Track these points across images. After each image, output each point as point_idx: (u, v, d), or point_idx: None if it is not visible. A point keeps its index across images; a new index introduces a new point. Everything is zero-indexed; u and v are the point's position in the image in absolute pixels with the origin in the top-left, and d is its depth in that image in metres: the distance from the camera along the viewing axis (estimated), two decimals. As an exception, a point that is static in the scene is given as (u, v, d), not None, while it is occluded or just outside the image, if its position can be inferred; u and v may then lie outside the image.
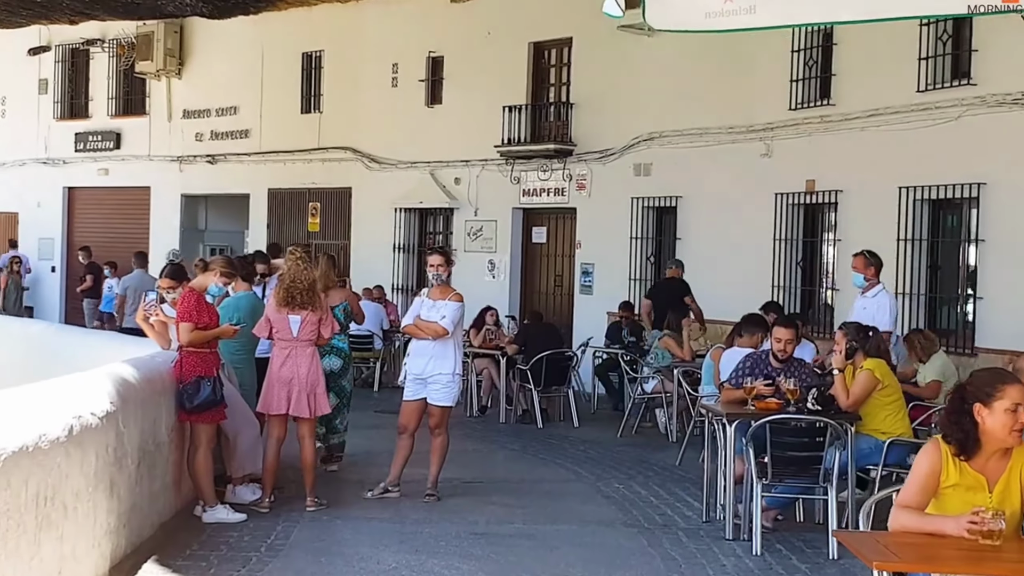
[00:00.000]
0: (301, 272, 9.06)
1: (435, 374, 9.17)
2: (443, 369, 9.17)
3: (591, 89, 18.13)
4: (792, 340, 8.89)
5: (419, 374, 9.24)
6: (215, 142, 24.17)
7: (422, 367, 9.23)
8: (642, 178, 17.43)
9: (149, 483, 7.68)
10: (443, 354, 9.17)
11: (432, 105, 20.46)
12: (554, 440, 12.94)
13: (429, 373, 9.19)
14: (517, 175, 19.12)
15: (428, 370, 9.20)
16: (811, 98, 15.25)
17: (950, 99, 13.38)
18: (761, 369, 8.82)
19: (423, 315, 9.24)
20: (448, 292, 9.26)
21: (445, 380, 9.18)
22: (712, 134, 16.35)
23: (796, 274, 15.57)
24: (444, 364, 9.17)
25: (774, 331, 8.99)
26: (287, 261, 9.27)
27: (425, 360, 9.22)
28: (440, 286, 9.28)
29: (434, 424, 9.32)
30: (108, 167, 26.20)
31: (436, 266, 9.27)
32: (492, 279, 19.56)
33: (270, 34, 22.79)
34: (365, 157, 21.46)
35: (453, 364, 9.19)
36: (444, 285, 9.29)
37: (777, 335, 8.89)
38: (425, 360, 9.22)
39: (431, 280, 9.37)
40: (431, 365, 9.19)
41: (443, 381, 9.18)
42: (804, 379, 8.76)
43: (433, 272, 9.30)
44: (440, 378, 9.17)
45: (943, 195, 13.61)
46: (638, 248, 17.61)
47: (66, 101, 27.16)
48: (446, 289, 9.29)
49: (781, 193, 15.51)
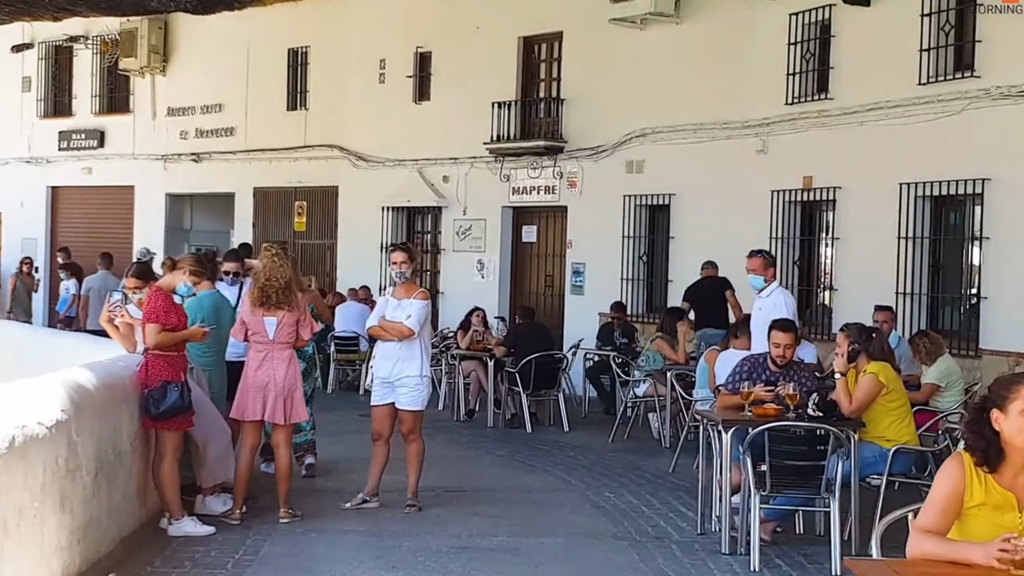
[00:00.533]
0: (277, 270, 8.61)
1: (402, 377, 8.80)
2: (410, 371, 8.78)
3: (582, 84, 17.71)
4: (791, 344, 8.50)
5: (386, 377, 8.87)
6: (200, 140, 23.75)
7: (389, 370, 8.85)
8: (634, 175, 17.02)
9: (108, 495, 7.21)
10: (410, 356, 8.79)
11: (420, 101, 20.05)
12: (543, 445, 12.50)
13: (396, 376, 8.82)
14: (507, 173, 18.70)
15: (395, 373, 8.82)
16: (808, 92, 14.84)
17: (953, 92, 12.97)
18: (759, 373, 8.42)
19: (388, 315, 8.87)
20: (413, 290, 8.88)
21: (413, 383, 8.80)
22: (706, 130, 15.93)
23: (793, 274, 15.16)
24: (411, 366, 8.78)
25: (772, 335, 8.55)
26: (262, 258, 8.81)
27: (391, 363, 8.84)
28: (404, 284, 8.90)
29: (406, 430, 8.90)
30: (92, 166, 25.79)
31: (399, 263, 8.88)
32: (481, 279, 19.14)
33: (256, 30, 22.37)
34: (352, 155, 21.03)
35: (420, 365, 8.81)
36: (409, 283, 8.92)
37: (775, 340, 8.47)
38: (391, 363, 8.84)
39: (394, 278, 8.98)
40: (398, 367, 8.81)
41: (411, 384, 8.80)
42: (804, 383, 8.34)
43: (396, 270, 8.91)
44: (407, 381, 8.79)
45: (945, 192, 13.20)
46: (630, 247, 17.19)
47: (49, 99, 26.75)
48: (411, 287, 8.91)
49: (777, 190, 15.11)
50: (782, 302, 9.48)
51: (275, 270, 8.58)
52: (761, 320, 9.28)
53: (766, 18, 15.22)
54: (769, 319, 8.98)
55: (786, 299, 9.63)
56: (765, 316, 9.22)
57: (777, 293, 9.68)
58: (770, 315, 9.12)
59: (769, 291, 9.70)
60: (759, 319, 9.45)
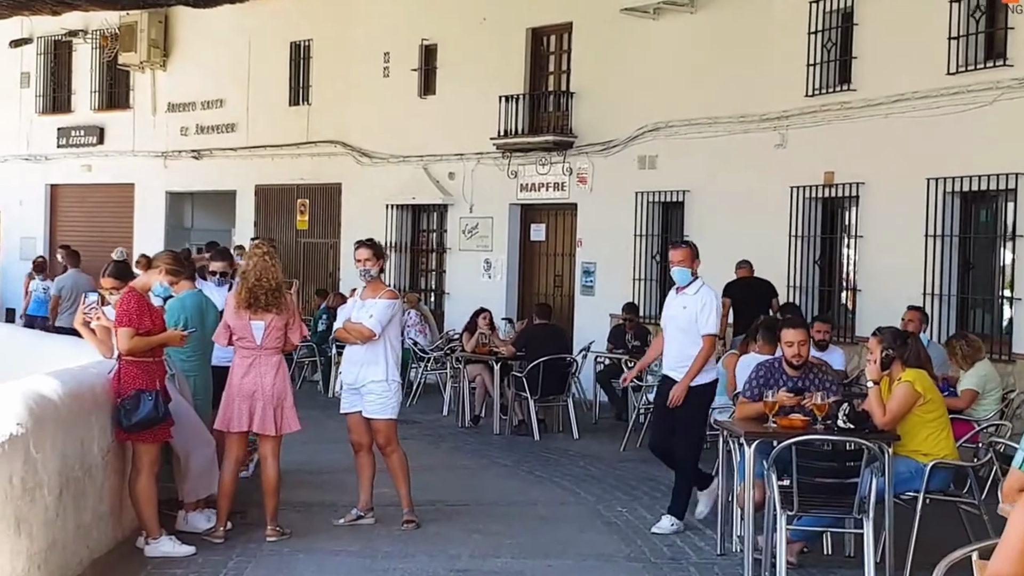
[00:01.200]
0: (268, 270, 8.01)
1: (367, 383, 8.24)
2: (375, 376, 8.21)
3: (592, 77, 17.08)
4: (805, 341, 7.91)
5: (352, 383, 8.33)
6: (201, 136, 23.18)
7: (355, 375, 8.31)
8: (647, 171, 16.37)
9: (76, 515, 6.62)
10: (373, 359, 8.23)
11: (425, 96, 19.45)
12: (551, 454, 11.88)
13: (362, 382, 8.26)
14: (514, 169, 18.08)
15: (360, 378, 8.27)
16: (829, 83, 14.20)
17: (983, 82, 12.32)
18: (776, 379, 7.82)
19: (353, 316, 8.34)
20: (379, 289, 8.34)
21: (379, 389, 8.23)
22: (722, 124, 15.30)
23: (814, 273, 14.54)
24: (375, 371, 8.22)
25: (782, 335, 7.96)
26: (251, 257, 8.21)
27: (357, 367, 8.29)
28: (371, 284, 8.37)
29: (382, 442, 8.33)
30: (91, 163, 25.24)
31: (363, 260, 8.34)
32: (488, 279, 18.53)
33: (257, 23, 21.80)
34: (356, 151, 20.44)
35: (386, 370, 8.23)
36: (375, 282, 8.38)
37: (787, 338, 7.87)
38: (357, 367, 8.29)
39: (360, 277, 8.45)
40: (363, 373, 8.25)
41: (377, 391, 8.23)
42: (828, 386, 7.73)
43: (361, 268, 8.38)
44: (373, 387, 8.23)
45: (975, 187, 12.54)
46: (643, 246, 16.55)
47: (48, 95, 26.20)
48: (377, 286, 8.36)
49: (797, 186, 14.47)
50: (712, 302, 8.35)
51: (266, 270, 7.99)
52: (686, 321, 8.31)
53: (785, 6, 14.58)
54: (694, 321, 8.26)
55: (716, 299, 8.49)
56: (691, 316, 8.30)
57: (706, 291, 8.44)
58: (696, 316, 8.27)
59: (696, 288, 8.39)
60: (683, 320, 8.33)
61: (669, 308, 8.62)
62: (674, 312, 8.49)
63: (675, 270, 8.48)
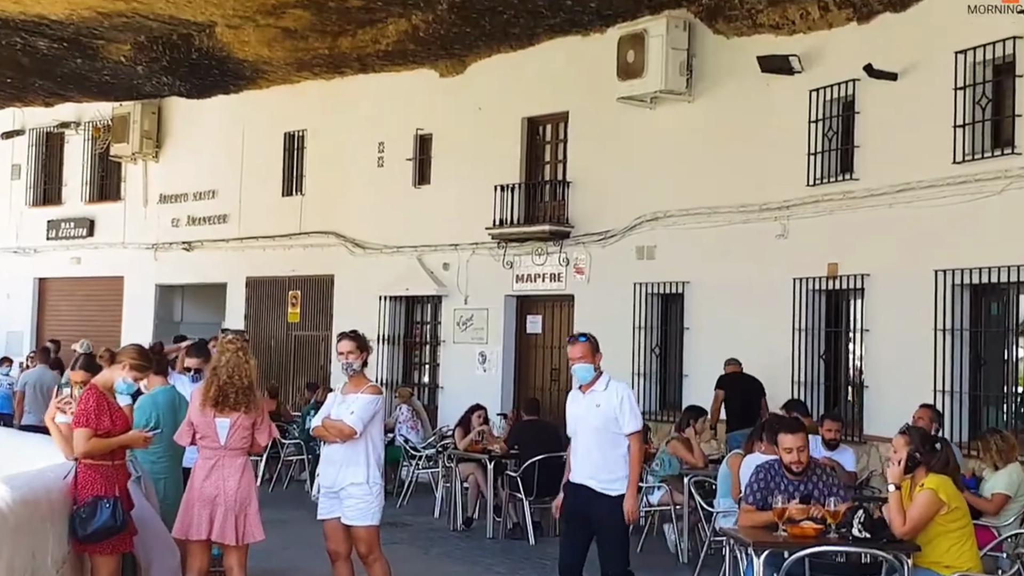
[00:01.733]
0: (240, 367, 7.54)
1: (347, 485, 7.71)
2: (354, 478, 7.69)
3: (589, 166, 16.75)
4: (804, 447, 7.49)
5: (330, 487, 7.79)
6: (192, 228, 22.83)
7: (333, 478, 7.77)
8: (645, 262, 15.94)
9: (23, 635, 6.05)
10: (353, 460, 7.71)
11: (420, 185, 19.12)
12: (548, 560, 11.20)
13: (340, 485, 7.73)
14: (510, 259, 17.66)
15: (339, 481, 7.73)
16: (831, 172, 13.83)
17: (991, 171, 11.95)
18: (777, 482, 7.32)
19: (333, 413, 7.83)
20: (362, 384, 7.86)
21: (360, 493, 7.70)
22: (722, 213, 14.90)
23: (819, 368, 14.00)
24: (355, 472, 7.69)
25: (780, 440, 7.51)
26: (224, 352, 7.71)
27: (336, 469, 7.76)
28: (353, 378, 7.89)
29: (363, 552, 7.78)
30: (80, 255, 24.89)
31: (346, 353, 7.87)
32: (483, 373, 18.00)
33: (251, 113, 21.57)
34: (349, 242, 20.06)
35: (367, 472, 7.71)
36: (358, 376, 7.90)
37: (785, 444, 7.43)
38: (336, 469, 7.76)
39: (343, 370, 7.95)
40: (342, 474, 7.72)
41: (357, 495, 7.71)
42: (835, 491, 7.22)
43: (344, 361, 7.90)
44: (353, 491, 7.71)
45: (986, 279, 12.08)
46: (642, 339, 16.06)
47: (39, 187, 25.96)
48: (360, 381, 7.88)
49: (800, 278, 14.03)
50: (629, 396, 7.61)
51: (238, 367, 7.52)
52: (602, 420, 7.55)
53: (784, 95, 14.26)
54: (610, 420, 7.52)
55: (630, 394, 7.73)
56: (607, 414, 7.55)
57: (618, 385, 7.74)
58: (615, 414, 7.53)
59: (605, 384, 7.68)
60: (599, 419, 7.57)
61: (576, 408, 7.82)
62: (584, 412, 7.71)
63: (576, 367, 7.73)
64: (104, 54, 19.08)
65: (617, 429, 7.58)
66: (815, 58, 13.95)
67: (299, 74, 19.95)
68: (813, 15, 13.75)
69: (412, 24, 16.55)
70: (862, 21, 13.43)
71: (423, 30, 16.59)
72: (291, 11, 16.24)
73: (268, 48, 18.23)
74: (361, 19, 16.63)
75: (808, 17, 13.83)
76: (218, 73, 19.93)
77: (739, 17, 14.53)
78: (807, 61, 13.97)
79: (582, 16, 15.81)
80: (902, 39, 13.01)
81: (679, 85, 15.20)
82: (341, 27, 17.05)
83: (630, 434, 7.57)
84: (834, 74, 13.71)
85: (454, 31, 16.60)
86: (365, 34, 17.27)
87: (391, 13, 16.30)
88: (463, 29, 16.51)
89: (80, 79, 20.98)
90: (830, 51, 13.82)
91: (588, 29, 16.35)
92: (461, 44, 17.30)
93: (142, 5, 16.30)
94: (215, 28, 17.53)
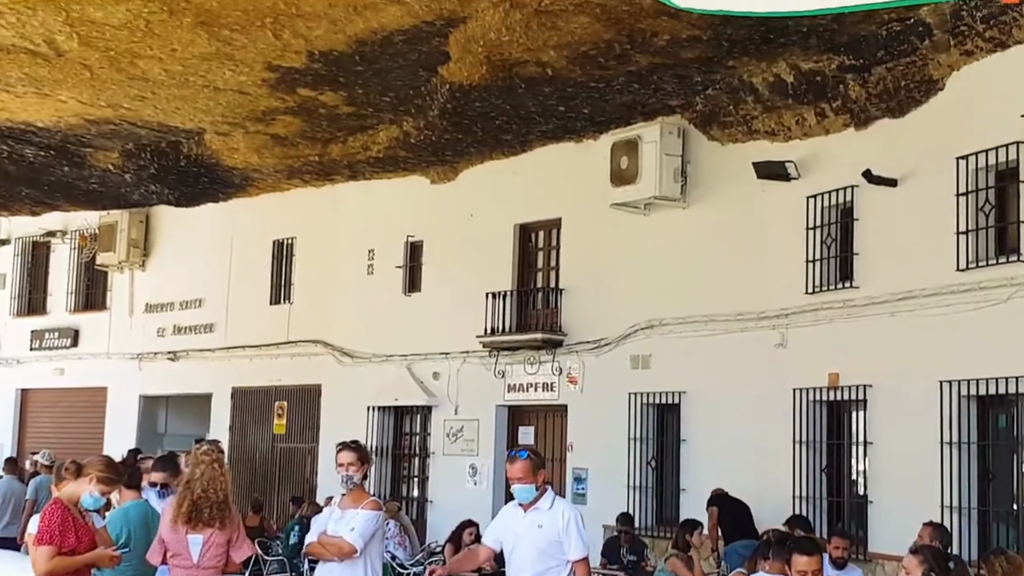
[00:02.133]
0: (215, 480, 7.13)
1: None
2: None
3: (582, 274, 16.49)
4: (820, 571, 7.05)
5: None
6: (177, 337, 22.47)
7: None
8: (640, 371, 15.57)
9: None
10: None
11: (410, 293, 18.83)
12: None
13: None
14: (501, 369, 17.30)
15: None
16: (830, 280, 13.57)
17: (997, 278, 11.70)
18: (790, 609, 6.86)
19: (330, 529, 7.39)
20: (362, 499, 7.44)
21: None
22: (719, 322, 14.58)
23: (821, 482, 13.57)
24: None
25: (793, 561, 7.08)
26: (197, 464, 7.31)
27: None
28: (352, 492, 7.45)
29: None
30: (64, 366, 24.54)
31: (347, 465, 7.42)
32: (474, 486, 17.50)
33: (240, 221, 21.37)
34: (337, 351, 19.68)
35: None
36: (357, 490, 7.47)
37: (799, 567, 7.02)
38: None
39: (341, 483, 7.49)
40: None
41: None
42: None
43: (344, 473, 7.45)
44: None
45: (993, 390, 11.74)
46: (637, 451, 15.62)
47: (24, 296, 25.74)
48: (359, 495, 7.46)
49: (800, 389, 13.67)
50: (575, 518, 7.07)
51: (214, 480, 7.12)
52: (545, 542, 7.00)
53: (781, 201, 14.05)
54: (559, 540, 6.98)
55: (577, 516, 7.15)
56: (550, 536, 7.00)
57: (563, 504, 7.21)
58: (561, 536, 6.99)
59: (549, 502, 7.13)
60: (542, 540, 7.02)
61: (515, 526, 7.19)
62: (524, 532, 7.12)
63: (516, 488, 7.13)
64: (92, 162, 18.89)
65: (560, 554, 7.03)
66: (812, 164, 13.78)
67: (289, 181, 19.78)
68: (809, 121, 13.60)
69: (403, 131, 16.40)
70: (860, 127, 13.28)
71: (414, 137, 16.44)
72: (281, 118, 16.08)
73: (257, 155, 18.04)
74: (351, 126, 16.47)
75: (804, 123, 13.68)
76: (207, 181, 19.74)
77: (734, 124, 14.38)
78: (804, 167, 13.79)
79: (575, 122, 15.67)
80: (901, 145, 12.85)
81: (673, 191, 15.02)
82: (331, 134, 16.89)
83: (575, 561, 7.02)
84: (832, 180, 13.53)
85: (445, 137, 16.45)
86: (355, 141, 17.11)
87: (382, 120, 16.15)
88: (455, 135, 16.36)
89: (67, 187, 20.76)
90: (827, 157, 13.66)
91: (581, 135, 16.22)
92: (452, 150, 17.16)
93: (130, 112, 16.11)
94: (204, 135, 17.36)
